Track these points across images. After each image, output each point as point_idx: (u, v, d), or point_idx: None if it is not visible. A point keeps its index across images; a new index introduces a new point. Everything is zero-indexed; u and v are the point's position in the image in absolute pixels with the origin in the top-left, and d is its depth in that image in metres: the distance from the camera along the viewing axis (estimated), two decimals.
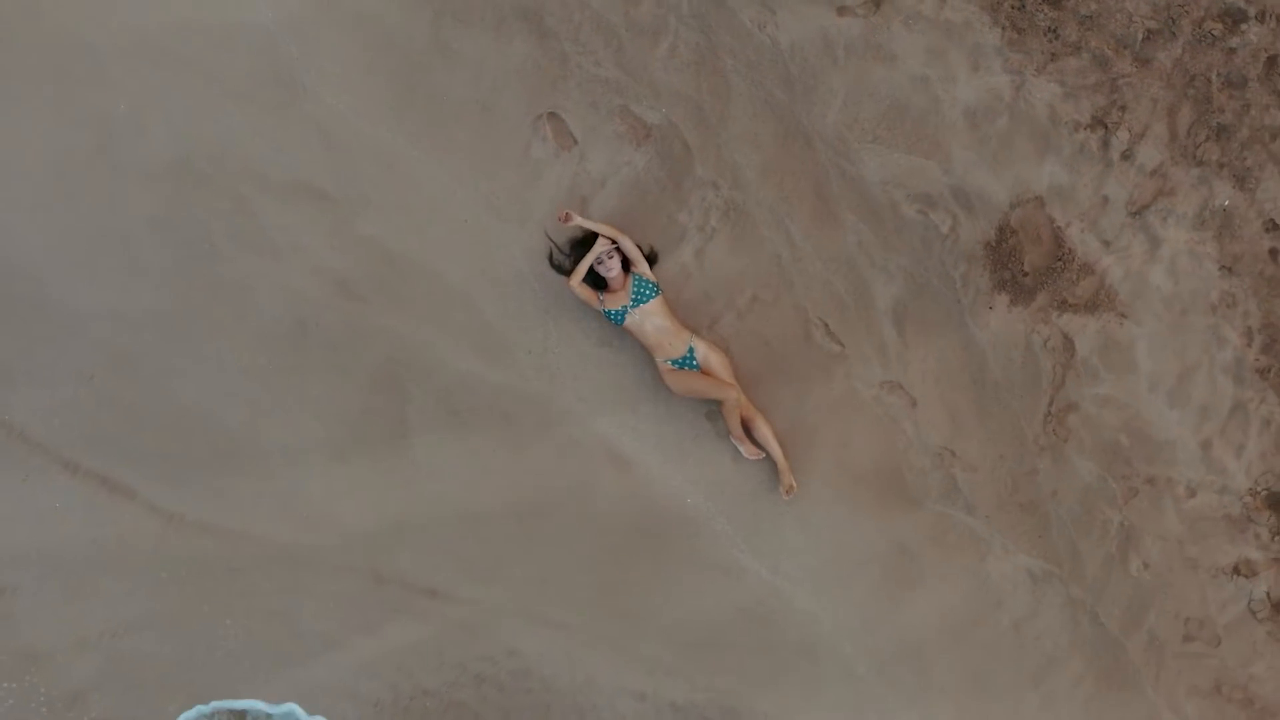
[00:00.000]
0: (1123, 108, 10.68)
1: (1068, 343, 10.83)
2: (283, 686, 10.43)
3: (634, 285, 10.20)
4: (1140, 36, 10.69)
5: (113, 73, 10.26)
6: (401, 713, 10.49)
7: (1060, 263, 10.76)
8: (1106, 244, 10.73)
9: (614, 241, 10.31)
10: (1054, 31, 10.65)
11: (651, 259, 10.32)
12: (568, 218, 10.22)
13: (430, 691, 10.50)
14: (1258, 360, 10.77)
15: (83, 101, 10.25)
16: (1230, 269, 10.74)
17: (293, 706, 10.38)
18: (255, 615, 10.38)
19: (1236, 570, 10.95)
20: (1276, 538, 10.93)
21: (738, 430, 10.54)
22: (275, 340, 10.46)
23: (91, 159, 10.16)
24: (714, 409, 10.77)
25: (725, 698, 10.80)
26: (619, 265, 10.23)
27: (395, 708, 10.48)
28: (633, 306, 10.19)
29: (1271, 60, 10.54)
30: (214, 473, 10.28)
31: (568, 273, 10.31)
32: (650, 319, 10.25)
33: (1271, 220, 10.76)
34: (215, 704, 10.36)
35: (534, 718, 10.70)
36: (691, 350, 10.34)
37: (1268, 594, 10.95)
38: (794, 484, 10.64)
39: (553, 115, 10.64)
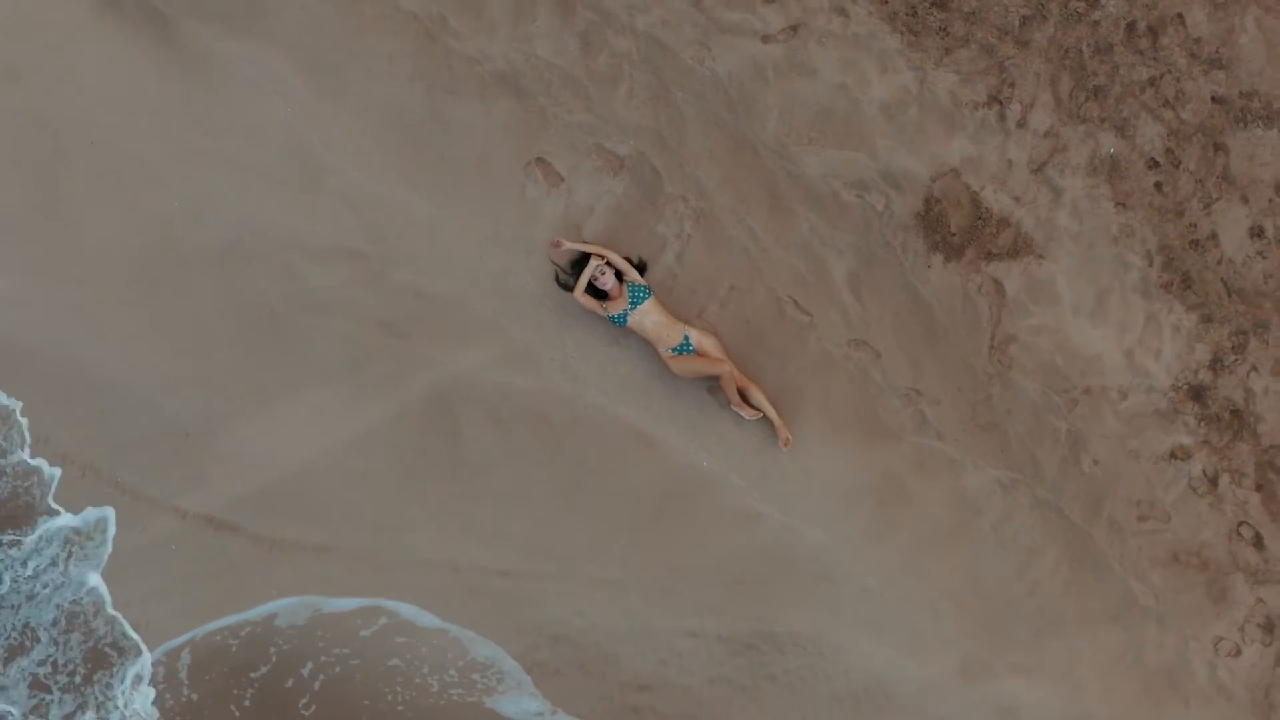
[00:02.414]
0: (1011, 85, 11.50)
1: (998, 286, 11.52)
2: None
3: (629, 291, 11.15)
4: (1017, 23, 11.47)
5: (164, 177, 11.44)
6: None
7: (981, 221, 11.51)
8: (1017, 199, 11.49)
9: (604, 257, 11.20)
10: (944, 30, 11.47)
11: (642, 267, 11.28)
12: (558, 244, 11.19)
13: (517, 655, 11.55)
14: (1160, 277, 11.42)
15: (143, 206, 11.47)
16: (1124, 204, 11.43)
17: None
18: None
19: (1173, 455, 11.48)
20: (1202, 424, 11.47)
21: (736, 398, 11.42)
22: (336, 381, 11.53)
23: (159, 253, 11.35)
24: (713, 384, 11.67)
25: (762, 624, 11.63)
26: (613, 276, 11.15)
27: None
28: (631, 308, 11.14)
29: (1130, 26, 11.29)
30: (303, 496, 11.40)
31: (572, 289, 11.23)
32: (648, 317, 11.22)
33: (1152, 159, 11.40)
34: None
35: (606, 666, 11.69)
36: (686, 338, 11.30)
37: (1203, 471, 11.45)
38: (790, 436, 11.49)
39: (540, 160, 11.69)
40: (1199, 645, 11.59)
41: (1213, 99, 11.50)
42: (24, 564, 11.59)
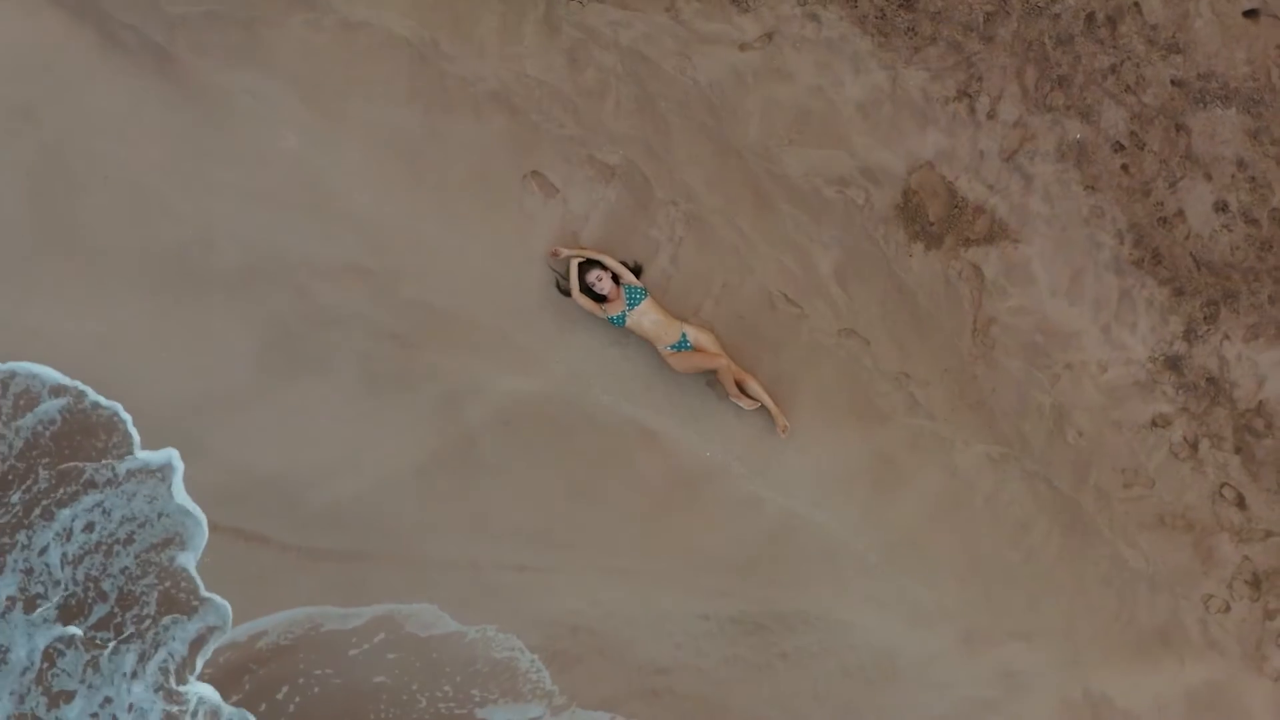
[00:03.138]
0: (979, 79, 11.87)
1: (977, 271, 11.90)
2: None
3: (627, 293, 11.39)
4: (981, 19, 11.86)
5: (178, 208, 11.58)
6: None
7: (957, 210, 11.89)
8: (990, 187, 11.87)
9: (599, 263, 11.47)
10: (912, 29, 11.82)
11: (638, 270, 11.55)
12: (556, 253, 11.48)
13: (535, 646, 11.71)
14: (1131, 254, 11.84)
15: (160, 236, 11.55)
16: (1093, 187, 11.83)
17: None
18: None
19: (1154, 423, 11.92)
20: (1180, 392, 11.89)
21: (734, 390, 11.66)
22: (353, 392, 11.68)
23: (179, 279, 11.46)
24: (712, 378, 11.85)
25: (771, 605, 11.84)
26: (609, 280, 11.36)
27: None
28: (629, 309, 11.39)
29: (1090, 17, 11.72)
30: (325, 504, 11.61)
31: (569, 295, 11.49)
32: (645, 317, 11.45)
33: (1117, 142, 11.81)
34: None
35: (624, 652, 11.86)
36: (684, 335, 11.51)
37: (1184, 437, 11.88)
38: (787, 424, 11.72)
39: (535, 173, 11.86)
40: (1190, 604, 11.94)
41: (1172, 82, 11.88)
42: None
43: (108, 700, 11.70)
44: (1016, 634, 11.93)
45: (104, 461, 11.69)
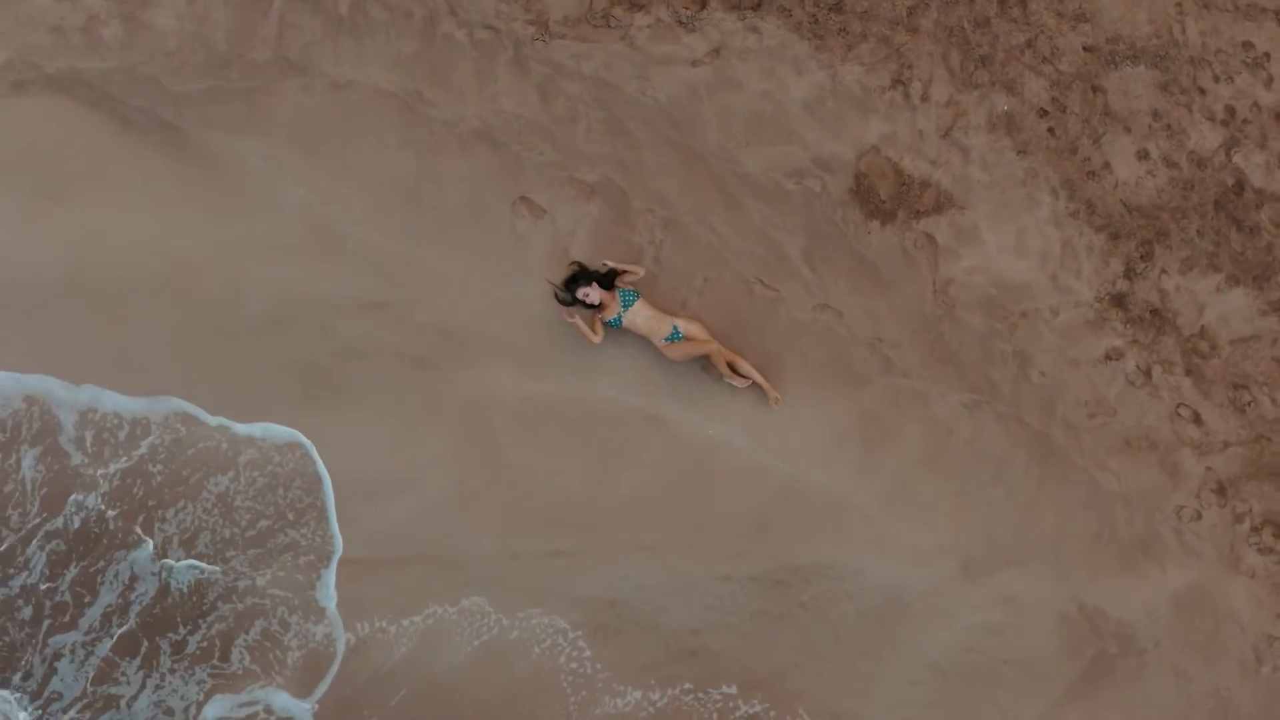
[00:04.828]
0: (910, 67, 12.41)
1: (930, 239, 12.36)
2: None
3: (620, 296, 12.06)
4: (904, 13, 12.40)
5: (202, 263, 12.21)
6: None
7: (905, 186, 12.37)
8: (933, 163, 12.36)
9: (591, 283, 12.01)
10: (844, 30, 12.35)
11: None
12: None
13: (577, 624, 12.28)
14: (1067, 207, 12.31)
15: (191, 291, 12.18)
16: (1024, 152, 12.30)
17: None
18: None
19: (1108, 357, 12.30)
20: (1128, 326, 12.28)
21: (726, 372, 12.25)
22: (385, 411, 12.39)
23: (215, 329, 12.14)
24: (705, 363, 12.36)
25: (784, 561, 12.38)
26: (597, 291, 11.98)
27: None
28: (624, 311, 12.05)
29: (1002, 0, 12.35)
30: (375, 517, 12.33)
31: (570, 304, 12.02)
32: (639, 315, 12.08)
33: (1041, 109, 12.28)
34: None
35: (658, 619, 12.42)
36: (675, 328, 12.10)
37: (1137, 366, 12.24)
38: (778, 396, 12.32)
39: (523, 198, 12.50)
40: (1164, 516, 12.33)
41: (1084, 49, 12.42)
42: None
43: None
44: (1010, 561, 12.35)
45: None
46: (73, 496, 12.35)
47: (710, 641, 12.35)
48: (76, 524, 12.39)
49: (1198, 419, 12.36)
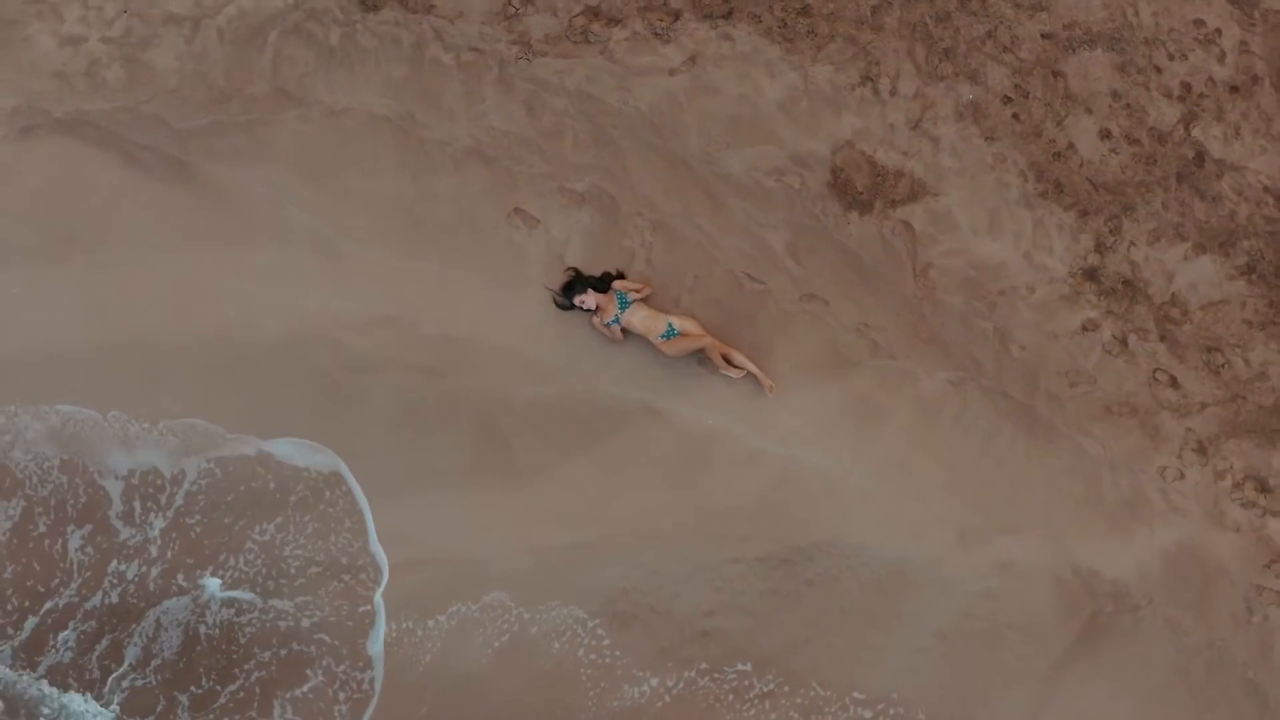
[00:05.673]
0: (877, 63, 12.68)
1: (907, 226, 12.59)
2: None
3: (617, 298, 12.37)
4: (869, 13, 12.70)
5: (215, 292, 12.45)
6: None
7: (880, 177, 12.60)
8: (905, 154, 12.62)
9: (587, 288, 12.38)
10: (812, 32, 12.67)
11: (620, 276, 12.52)
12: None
13: (595, 613, 12.44)
14: (1035, 188, 12.57)
15: (207, 321, 12.46)
16: (992, 138, 12.57)
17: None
18: None
19: (1085, 328, 12.54)
20: (1102, 298, 12.51)
21: (721, 364, 12.47)
22: (398, 422, 12.59)
23: (234, 354, 12.37)
24: (701, 357, 12.56)
25: (789, 541, 12.54)
26: (593, 296, 12.35)
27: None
28: (620, 312, 12.35)
29: None
30: (395, 522, 12.53)
31: (568, 309, 12.41)
32: (635, 315, 12.35)
33: (1005, 96, 12.55)
34: None
35: (672, 603, 12.56)
36: (670, 325, 12.32)
37: (1113, 336, 12.49)
38: (772, 384, 12.52)
39: (517, 210, 12.77)
40: (1148, 477, 12.53)
41: (1042, 36, 12.73)
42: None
43: None
44: (1004, 529, 12.53)
45: None
46: (112, 565, 12.51)
47: (723, 622, 12.49)
48: (115, 598, 12.50)
49: (1174, 383, 12.60)
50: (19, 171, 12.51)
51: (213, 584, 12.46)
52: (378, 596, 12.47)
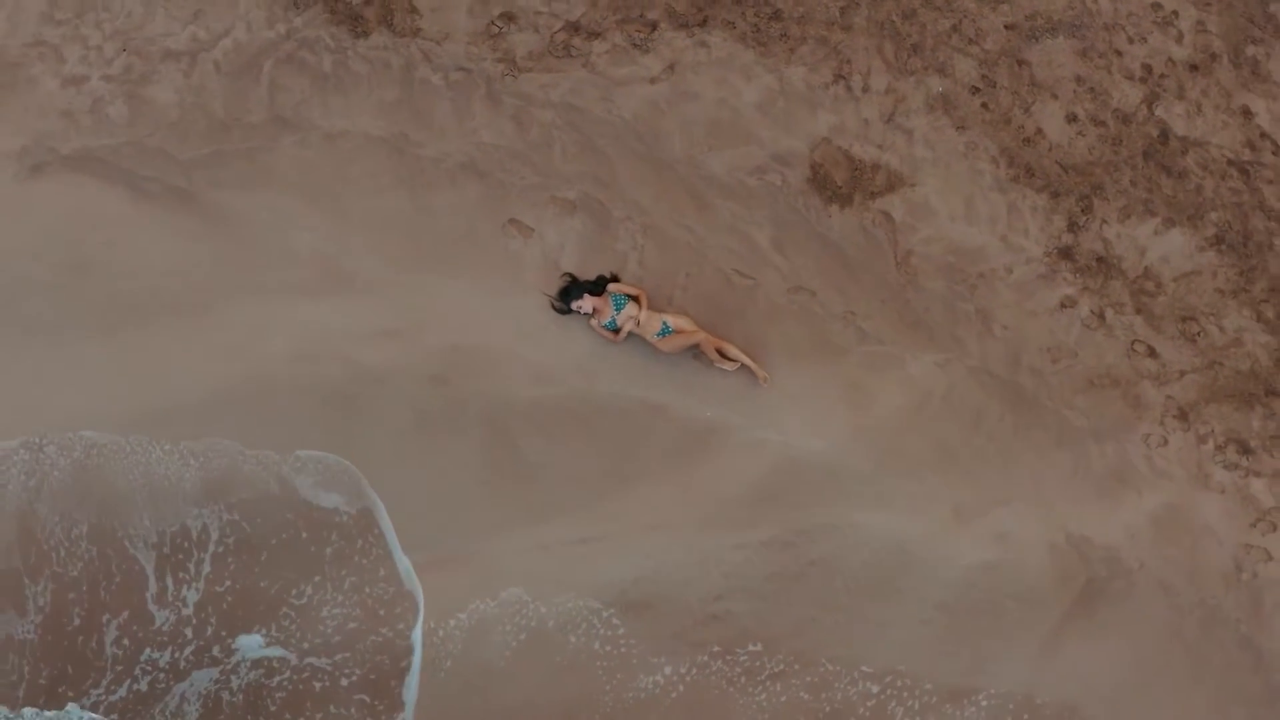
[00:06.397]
0: (848, 61, 13.11)
1: (887, 216, 12.97)
2: None
3: (613, 300, 12.63)
4: (838, 13, 13.19)
5: (229, 316, 12.62)
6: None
7: (858, 171, 12.98)
8: (880, 147, 13.02)
9: (583, 293, 12.61)
10: (784, 35, 13.12)
11: (615, 279, 12.77)
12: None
13: (610, 603, 12.51)
14: (1007, 173, 13.00)
15: (220, 342, 12.58)
16: (963, 127, 13.05)
17: None
18: None
19: (1063, 305, 12.89)
20: (1078, 275, 12.90)
21: (716, 358, 12.72)
22: (408, 431, 12.67)
23: (249, 372, 12.50)
24: (696, 352, 12.78)
25: (791, 524, 12.68)
26: (589, 300, 12.60)
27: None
28: (616, 313, 12.61)
29: None
30: (412, 523, 12.55)
31: (565, 314, 12.68)
32: (631, 315, 12.58)
33: (974, 86, 13.08)
34: None
35: (682, 590, 12.63)
36: (665, 323, 12.58)
37: (1090, 311, 12.86)
38: (766, 375, 12.76)
39: (512, 220, 12.97)
40: (1133, 445, 12.86)
41: (1005, 27, 13.28)
42: None
43: None
44: (997, 501, 12.77)
45: None
46: (145, 653, 12.37)
47: (732, 606, 12.58)
48: (144, 686, 12.31)
49: (1153, 353, 12.94)
50: (32, 208, 12.67)
51: (252, 642, 12.43)
52: (416, 633, 12.60)
